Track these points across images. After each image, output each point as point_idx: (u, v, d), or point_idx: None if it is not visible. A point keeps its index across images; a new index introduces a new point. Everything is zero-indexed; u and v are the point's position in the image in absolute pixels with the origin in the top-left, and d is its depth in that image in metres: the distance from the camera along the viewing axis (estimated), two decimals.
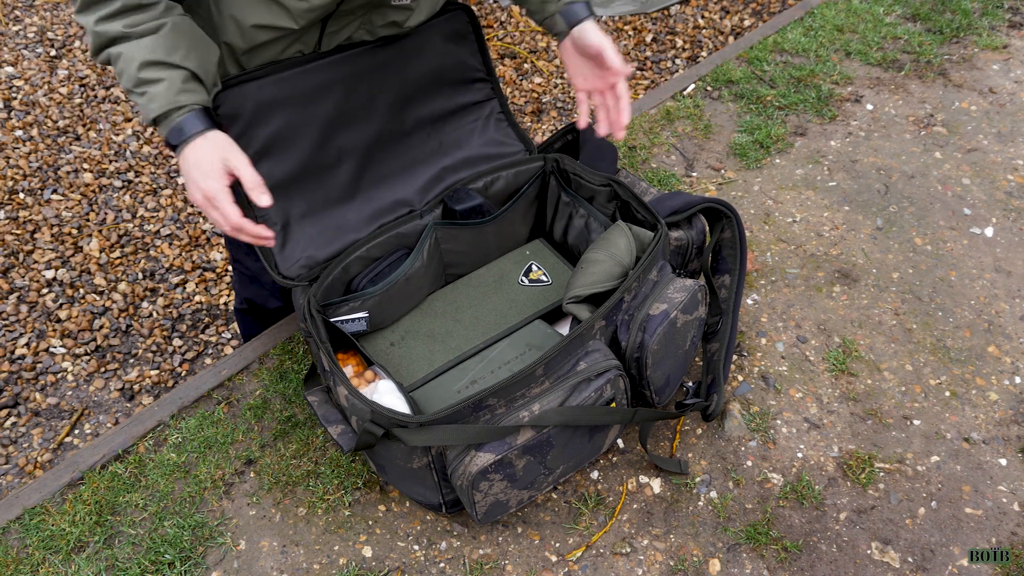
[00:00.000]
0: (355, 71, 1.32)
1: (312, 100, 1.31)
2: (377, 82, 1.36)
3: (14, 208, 2.41)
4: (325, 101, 1.31)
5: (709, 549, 1.33)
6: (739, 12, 3.08)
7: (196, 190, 1.08)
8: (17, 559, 1.32)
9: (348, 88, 1.32)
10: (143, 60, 1.06)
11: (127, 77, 1.07)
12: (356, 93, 1.34)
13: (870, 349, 1.62)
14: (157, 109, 1.07)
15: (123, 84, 1.09)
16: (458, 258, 1.51)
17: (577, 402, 1.18)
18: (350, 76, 1.31)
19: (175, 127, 1.08)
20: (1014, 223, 1.87)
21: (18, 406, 1.96)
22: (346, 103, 1.34)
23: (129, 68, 1.06)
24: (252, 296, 1.63)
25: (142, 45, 1.06)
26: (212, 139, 1.09)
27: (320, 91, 1.30)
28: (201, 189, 1.07)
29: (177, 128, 1.08)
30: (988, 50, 2.43)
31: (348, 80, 1.32)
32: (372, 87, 1.35)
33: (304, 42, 1.23)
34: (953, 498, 1.39)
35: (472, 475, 1.14)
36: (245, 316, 1.70)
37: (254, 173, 1.10)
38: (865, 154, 2.08)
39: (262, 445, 1.47)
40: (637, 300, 1.29)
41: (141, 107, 1.09)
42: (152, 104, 1.07)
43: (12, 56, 2.98)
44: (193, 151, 1.08)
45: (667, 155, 2.10)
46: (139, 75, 1.06)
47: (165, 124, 1.08)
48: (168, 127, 1.08)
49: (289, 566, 1.31)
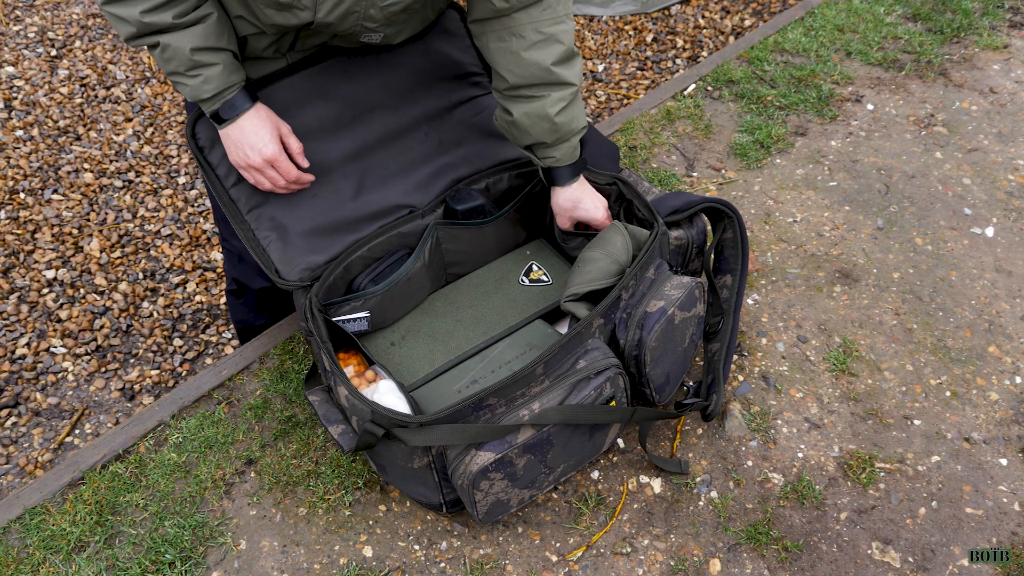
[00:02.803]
0: (344, 75, 1.33)
1: (304, 106, 1.33)
2: (369, 84, 1.36)
3: (15, 208, 2.41)
4: (317, 105, 1.33)
5: (709, 549, 1.33)
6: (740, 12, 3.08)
7: (254, 153, 1.24)
8: (18, 559, 1.32)
9: (339, 92, 1.34)
10: (196, 46, 1.15)
11: (177, 62, 1.16)
12: (349, 96, 1.35)
13: (871, 349, 1.62)
14: (212, 89, 1.19)
15: (170, 67, 1.18)
16: (459, 258, 1.51)
17: (577, 400, 1.18)
18: (340, 80, 1.33)
19: (227, 103, 1.21)
20: (1015, 223, 1.87)
21: (19, 406, 1.96)
22: (340, 106, 1.35)
23: (180, 54, 1.15)
24: (239, 275, 1.62)
25: (194, 33, 1.15)
26: (261, 110, 1.25)
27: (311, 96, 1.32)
28: (261, 152, 1.24)
29: (229, 104, 1.21)
30: (989, 50, 2.43)
31: (338, 84, 1.33)
32: (365, 89, 1.36)
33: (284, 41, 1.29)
34: (953, 498, 1.39)
35: (472, 474, 1.14)
36: (236, 299, 1.70)
37: (298, 140, 1.29)
38: (866, 154, 2.08)
39: (263, 445, 1.47)
40: (635, 298, 1.29)
41: (191, 87, 1.19)
42: (207, 85, 1.19)
43: (13, 56, 2.98)
44: (248, 121, 1.23)
45: (667, 155, 2.10)
46: (193, 58, 1.15)
47: (215, 100, 1.21)
48: (219, 103, 1.21)
49: (290, 566, 1.31)
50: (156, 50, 1.17)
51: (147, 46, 1.17)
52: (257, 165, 1.25)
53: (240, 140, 1.24)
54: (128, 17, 1.11)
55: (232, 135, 1.24)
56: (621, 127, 2.17)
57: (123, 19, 1.12)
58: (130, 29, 1.13)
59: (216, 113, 1.22)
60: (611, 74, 2.87)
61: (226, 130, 1.24)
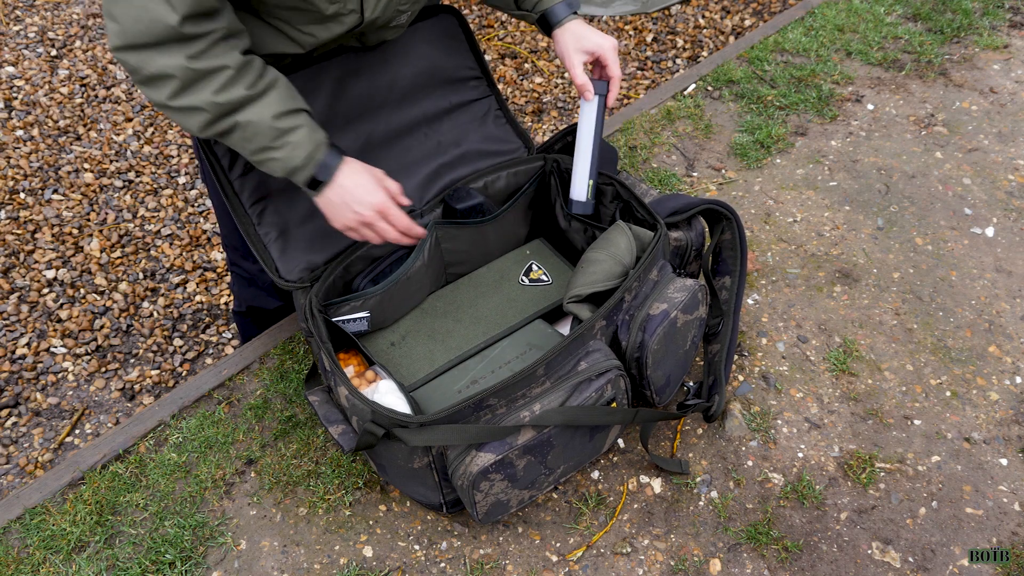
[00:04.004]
0: (342, 75, 1.33)
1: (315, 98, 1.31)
2: (367, 85, 1.36)
3: (15, 208, 2.41)
4: (327, 99, 1.32)
5: (710, 549, 1.33)
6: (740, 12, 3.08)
7: (364, 207, 1.16)
8: (18, 559, 1.32)
9: (337, 92, 1.33)
10: (276, 112, 1.08)
11: (262, 136, 1.08)
12: (346, 96, 1.35)
13: (871, 349, 1.62)
14: (302, 155, 1.11)
15: (253, 145, 1.10)
16: (459, 257, 1.51)
17: (578, 402, 1.18)
18: (337, 81, 1.32)
19: (321, 165, 1.13)
20: (1015, 223, 1.87)
21: (19, 406, 1.96)
22: (337, 106, 1.35)
23: (261, 127, 1.07)
24: (251, 298, 1.63)
25: (269, 101, 1.07)
26: (353, 162, 1.17)
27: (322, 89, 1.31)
28: (371, 205, 1.16)
29: (323, 165, 1.13)
30: (989, 50, 2.42)
31: (335, 85, 1.33)
32: (362, 90, 1.36)
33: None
34: (954, 498, 1.39)
35: (473, 475, 1.14)
36: (244, 319, 1.71)
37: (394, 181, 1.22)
38: (866, 154, 2.08)
39: (263, 445, 1.47)
40: (637, 300, 1.29)
41: (281, 160, 1.11)
42: (297, 152, 1.10)
43: (13, 56, 2.98)
44: (348, 177, 1.15)
45: (668, 155, 2.10)
46: (276, 125, 1.08)
47: (309, 166, 1.12)
48: (314, 167, 1.13)
49: (290, 566, 1.31)
50: (235, 134, 1.08)
51: (222, 132, 1.08)
52: (369, 220, 1.17)
53: (345, 199, 1.16)
54: (200, 104, 1.03)
55: (334, 197, 1.16)
56: (621, 127, 2.17)
57: (195, 108, 1.04)
58: (204, 117, 1.05)
59: (312, 179, 1.14)
60: None
61: (325, 194, 1.16)
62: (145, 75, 1.01)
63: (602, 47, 1.30)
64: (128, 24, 0.97)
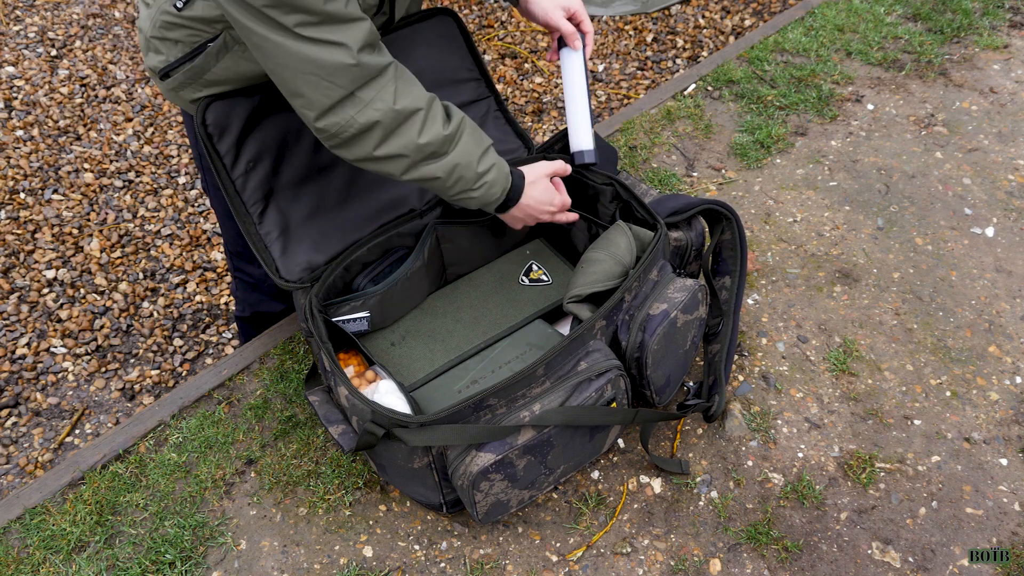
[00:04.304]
0: None
1: None
2: None
3: (15, 208, 2.41)
4: None
5: (710, 549, 1.33)
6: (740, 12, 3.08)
7: (545, 214, 1.30)
8: (18, 559, 1.32)
9: None
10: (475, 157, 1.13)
11: (464, 181, 1.13)
12: None
13: (871, 349, 1.62)
14: (498, 192, 1.19)
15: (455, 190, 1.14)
16: (458, 257, 1.51)
17: (578, 402, 1.18)
18: None
19: (511, 195, 1.22)
20: (1015, 223, 1.87)
21: (19, 406, 1.96)
22: None
23: (468, 171, 1.12)
24: (256, 303, 1.64)
25: (465, 143, 1.12)
26: (530, 171, 1.26)
27: None
28: (556, 204, 1.31)
29: (512, 193, 1.23)
30: (989, 50, 2.42)
31: None
32: None
33: None
34: (954, 498, 1.39)
35: (473, 475, 1.14)
36: (247, 324, 1.71)
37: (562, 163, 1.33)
38: (866, 154, 2.08)
39: (263, 445, 1.47)
40: (637, 300, 1.29)
41: (478, 198, 1.19)
42: (494, 190, 1.19)
43: (13, 56, 2.98)
44: (531, 194, 1.26)
45: (668, 155, 2.10)
46: (479, 171, 1.13)
47: (500, 198, 1.21)
48: (504, 195, 1.21)
49: (290, 566, 1.31)
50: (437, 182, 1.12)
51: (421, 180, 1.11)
52: (548, 217, 1.32)
53: (529, 212, 1.28)
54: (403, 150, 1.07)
55: (519, 213, 1.27)
56: (621, 127, 2.17)
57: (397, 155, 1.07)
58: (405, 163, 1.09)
59: (503, 204, 1.23)
60: (611, 74, 2.87)
61: (511, 213, 1.27)
62: (352, 133, 1.04)
63: (576, 3, 1.36)
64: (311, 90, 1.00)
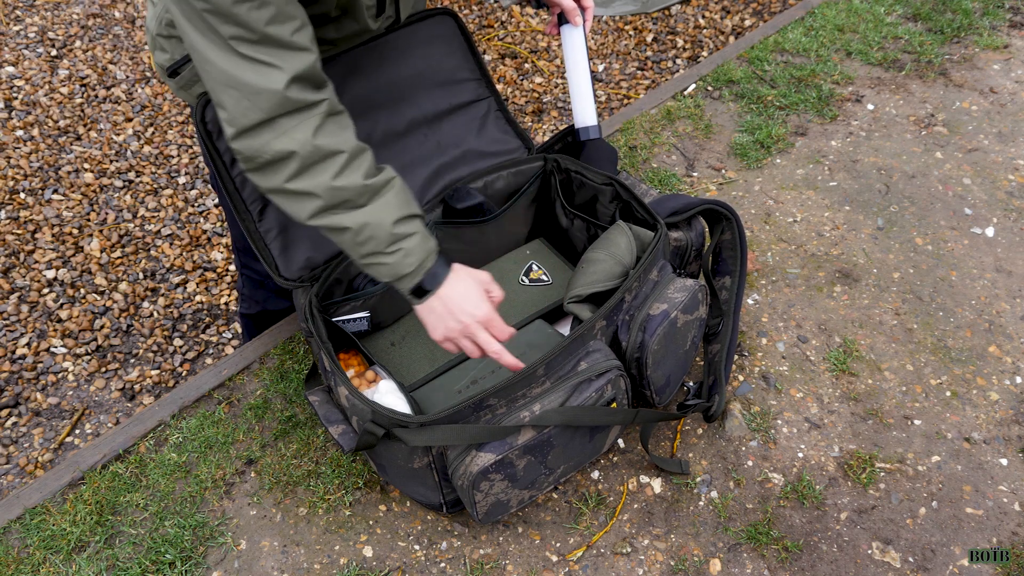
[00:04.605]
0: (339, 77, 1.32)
1: None
2: (365, 86, 1.36)
3: (15, 208, 2.41)
4: None
5: (710, 549, 1.33)
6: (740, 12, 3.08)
7: (467, 317, 1.10)
8: (18, 559, 1.32)
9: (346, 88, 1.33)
10: (395, 217, 1.05)
11: (376, 241, 1.05)
12: (355, 93, 1.35)
13: (871, 349, 1.62)
14: (414, 263, 1.07)
15: (365, 248, 1.05)
16: (459, 257, 1.50)
17: (578, 402, 1.18)
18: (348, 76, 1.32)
19: (430, 273, 1.09)
20: (1015, 223, 1.87)
21: (19, 406, 1.96)
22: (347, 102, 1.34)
23: (379, 231, 1.04)
24: (263, 300, 1.64)
25: (387, 201, 1.05)
26: (460, 269, 1.13)
27: None
28: (474, 316, 1.10)
29: (432, 273, 1.10)
30: (989, 50, 2.42)
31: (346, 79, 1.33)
32: (360, 91, 1.36)
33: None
34: (954, 498, 1.39)
35: (473, 475, 1.14)
36: (250, 321, 1.71)
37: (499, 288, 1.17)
38: (866, 154, 2.08)
39: (263, 445, 1.47)
40: (638, 300, 1.29)
41: (390, 265, 1.07)
42: (408, 259, 1.07)
43: (13, 56, 2.98)
44: (454, 286, 1.11)
45: (668, 155, 2.10)
46: (394, 231, 1.05)
47: (417, 274, 1.09)
48: (422, 274, 1.09)
49: (290, 566, 1.31)
50: (346, 235, 1.04)
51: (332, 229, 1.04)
52: (471, 331, 1.11)
53: (451, 308, 1.11)
54: (316, 189, 1.00)
55: (438, 306, 1.11)
56: (621, 127, 2.17)
57: (309, 193, 1.01)
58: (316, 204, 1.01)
59: (419, 287, 1.10)
60: (611, 74, 2.87)
61: (429, 303, 1.11)
62: (266, 159, 0.98)
63: None
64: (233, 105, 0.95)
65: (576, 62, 1.43)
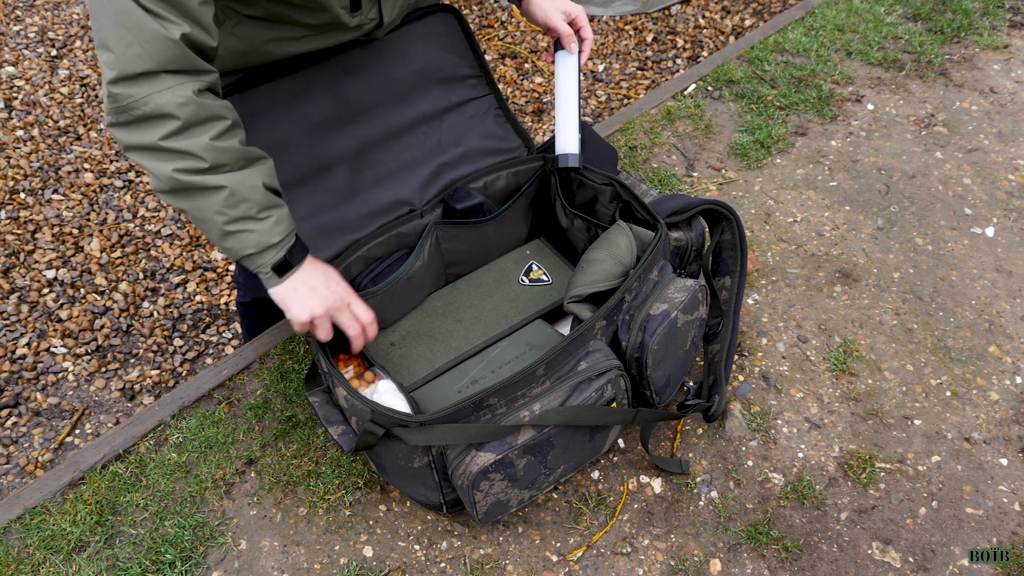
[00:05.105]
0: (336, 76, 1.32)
1: (308, 99, 1.31)
2: (363, 84, 1.36)
3: (15, 208, 2.41)
4: (307, 106, 1.32)
5: (710, 549, 1.33)
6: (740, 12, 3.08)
7: (331, 296, 1.15)
8: (18, 559, 1.32)
9: (331, 93, 1.33)
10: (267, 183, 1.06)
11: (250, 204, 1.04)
12: (352, 93, 1.35)
13: (871, 349, 1.62)
14: (283, 232, 1.09)
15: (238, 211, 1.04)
16: (459, 257, 1.51)
17: (578, 402, 1.18)
18: (331, 81, 1.32)
19: (296, 247, 1.12)
20: (1015, 223, 1.87)
21: (19, 406, 1.96)
22: (343, 102, 1.35)
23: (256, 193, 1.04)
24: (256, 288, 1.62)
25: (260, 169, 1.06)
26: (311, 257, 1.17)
27: (315, 90, 1.31)
28: (337, 295, 1.16)
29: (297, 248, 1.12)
30: (989, 50, 2.42)
31: (342, 80, 1.33)
32: (358, 90, 1.36)
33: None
34: (954, 498, 1.39)
35: (473, 475, 1.14)
36: (248, 309, 1.70)
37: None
38: (866, 154, 2.08)
39: (263, 445, 1.47)
40: (638, 300, 1.29)
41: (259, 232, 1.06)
42: (279, 227, 1.08)
43: (13, 56, 2.98)
44: (313, 267, 1.15)
45: (668, 155, 2.10)
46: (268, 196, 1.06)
47: (282, 245, 1.10)
48: (286, 249, 1.11)
49: (290, 566, 1.31)
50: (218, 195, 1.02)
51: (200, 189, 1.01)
52: (336, 307, 1.16)
53: (313, 285, 1.14)
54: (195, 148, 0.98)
55: (300, 284, 1.13)
56: (621, 127, 2.17)
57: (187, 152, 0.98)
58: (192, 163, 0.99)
59: (284, 261, 1.10)
60: (611, 74, 2.87)
61: (292, 280, 1.12)
62: (142, 113, 0.96)
63: (577, 9, 1.37)
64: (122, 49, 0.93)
65: (566, 90, 1.40)
